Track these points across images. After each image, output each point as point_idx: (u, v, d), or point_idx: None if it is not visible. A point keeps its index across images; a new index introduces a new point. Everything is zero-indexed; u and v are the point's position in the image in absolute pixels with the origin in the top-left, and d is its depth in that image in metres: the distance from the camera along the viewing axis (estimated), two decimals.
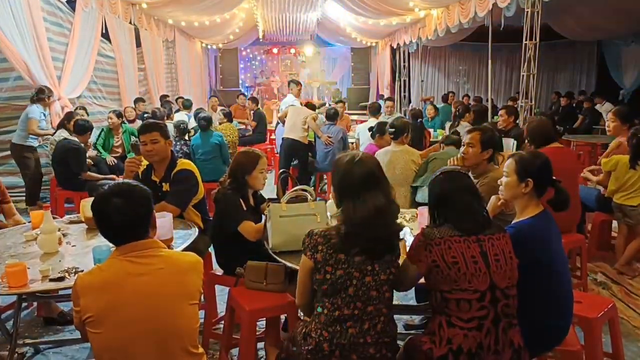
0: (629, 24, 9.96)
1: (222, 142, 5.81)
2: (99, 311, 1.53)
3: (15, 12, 5.56)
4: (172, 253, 1.76)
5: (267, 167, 2.91)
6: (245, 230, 2.63)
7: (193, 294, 1.65)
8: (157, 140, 2.96)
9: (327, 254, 1.79)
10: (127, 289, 1.56)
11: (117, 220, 1.60)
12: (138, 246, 1.62)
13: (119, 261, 1.61)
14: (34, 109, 5.66)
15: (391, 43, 13.51)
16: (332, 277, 1.78)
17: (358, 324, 1.78)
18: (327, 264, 1.79)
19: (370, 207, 1.78)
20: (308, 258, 1.83)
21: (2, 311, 3.05)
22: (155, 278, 1.60)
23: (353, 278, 1.78)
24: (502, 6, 6.80)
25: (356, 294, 1.78)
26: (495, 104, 11.03)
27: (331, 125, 6.32)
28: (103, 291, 1.55)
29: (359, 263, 1.79)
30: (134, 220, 1.63)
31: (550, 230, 2.08)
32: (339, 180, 1.91)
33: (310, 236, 1.85)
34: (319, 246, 1.81)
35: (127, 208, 1.61)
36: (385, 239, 1.83)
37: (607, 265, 4.09)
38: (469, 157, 2.87)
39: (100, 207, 1.64)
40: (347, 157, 1.91)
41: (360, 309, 1.79)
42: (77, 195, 4.94)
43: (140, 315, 1.55)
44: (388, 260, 1.85)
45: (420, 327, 3.04)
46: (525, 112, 6.96)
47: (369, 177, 1.84)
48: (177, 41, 11.42)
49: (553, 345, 2.07)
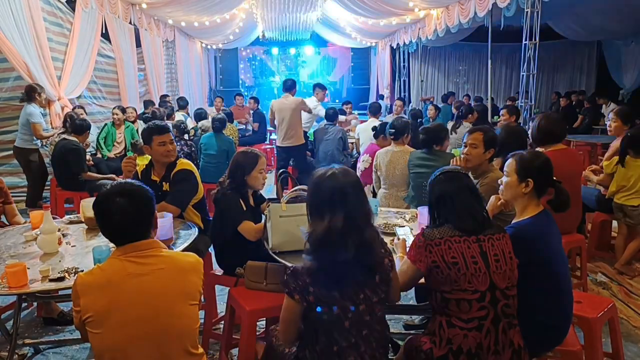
0: (629, 24, 9.96)
1: (231, 150, 5.81)
2: (98, 311, 1.53)
3: (15, 12, 5.56)
4: (173, 253, 1.75)
5: (266, 167, 2.91)
6: (245, 230, 2.64)
7: (193, 294, 1.65)
8: (172, 140, 3.09)
9: (319, 294, 1.66)
10: (127, 289, 1.56)
11: (119, 220, 1.60)
12: (139, 246, 1.62)
13: (120, 261, 1.60)
14: (33, 110, 5.47)
15: (391, 43, 13.51)
16: (328, 316, 1.67)
17: (355, 351, 1.71)
18: (320, 302, 1.67)
19: (329, 229, 1.65)
20: (297, 302, 1.67)
21: (2, 311, 3.05)
22: (156, 278, 1.60)
23: (348, 312, 1.68)
24: (502, 6, 6.80)
25: (352, 325, 1.69)
26: (495, 103, 11.02)
27: (330, 125, 6.31)
28: (103, 291, 1.54)
29: (351, 295, 1.69)
30: (137, 220, 1.63)
31: (550, 230, 2.08)
32: (308, 195, 1.81)
33: (296, 276, 1.68)
34: (309, 287, 1.66)
35: (130, 208, 1.61)
36: (356, 264, 1.68)
37: (607, 265, 4.09)
38: (472, 158, 2.84)
39: (103, 207, 1.64)
40: (322, 170, 1.77)
41: (355, 336, 1.71)
42: (77, 195, 4.94)
43: (140, 316, 1.55)
44: (378, 282, 1.74)
45: (420, 327, 3.04)
46: (525, 112, 6.96)
47: (335, 195, 1.68)
48: (177, 41, 11.42)
49: (553, 345, 2.07)
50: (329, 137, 6.12)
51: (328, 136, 6.14)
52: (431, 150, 3.62)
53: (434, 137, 3.62)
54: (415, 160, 3.71)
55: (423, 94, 13.50)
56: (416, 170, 3.67)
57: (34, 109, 5.54)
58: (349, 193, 1.69)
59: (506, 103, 10.57)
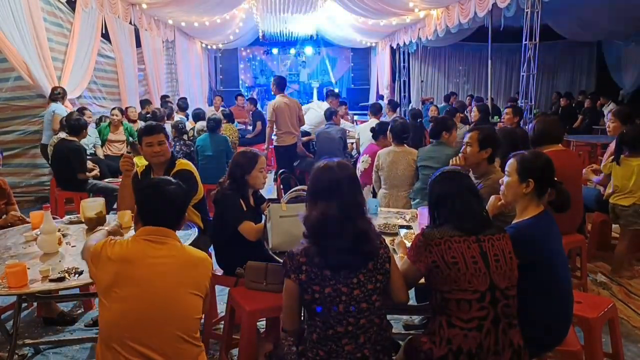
0: (629, 24, 9.96)
1: (228, 150, 5.81)
2: (108, 280, 1.68)
3: (15, 12, 5.56)
4: (186, 247, 1.88)
5: (266, 166, 2.91)
6: (245, 231, 2.64)
7: (197, 285, 1.75)
8: (163, 141, 3.03)
9: (311, 272, 1.75)
10: (138, 267, 1.70)
11: (167, 203, 1.82)
12: (161, 231, 1.79)
13: (141, 242, 1.77)
14: (58, 106, 5.84)
15: (391, 43, 13.51)
16: (321, 296, 1.74)
17: (353, 340, 1.74)
18: (313, 282, 1.75)
19: (321, 216, 1.77)
20: (292, 281, 1.77)
21: (2, 311, 3.05)
22: (164, 263, 1.73)
23: (342, 294, 1.73)
24: (501, 6, 6.80)
25: (347, 310, 1.74)
26: (495, 103, 11.03)
27: (330, 125, 6.31)
28: (119, 263, 1.70)
29: (344, 277, 1.74)
30: (180, 209, 1.87)
31: (550, 230, 2.08)
32: (308, 185, 1.96)
33: (292, 257, 1.79)
34: (302, 266, 1.76)
35: (182, 196, 1.90)
36: (349, 252, 1.76)
37: (607, 265, 4.09)
38: (468, 156, 2.88)
39: (158, 188, 1.85)
40: (323, 163, 1.91)
41: (353, 324, 1.75)
42: (77, 195, 4.94)
43: (140, 294, 1.67)
44: (372, 269, 1.79)
45: (420, 327, 3.04)
46: (525, 112, 6.96)
47: (332, 185, 1.81)
48: (177, 41, 11.42)
49: (553, 345, 2.07)
50: (329, 137, 6.12)
51: (328, 136, 6.14)
52: (440, 138, 3.92)
53: (443, 125, 3.96)
54: (424, 154, 3.91)
55: (423, 94, 13.51)
56: (424, 163, 3.84)
57: (60, 105, 5.89)
58: (344, 185, 1.82)
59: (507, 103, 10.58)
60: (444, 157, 3.53)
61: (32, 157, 6.25)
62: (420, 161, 3.90)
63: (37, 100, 6.24)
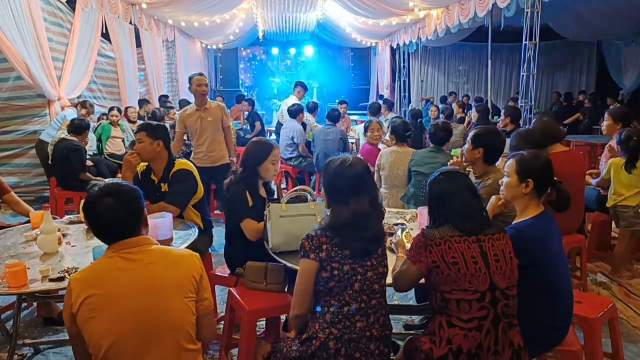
0: (629, 24, 9.95)
1: None
2: (89, 306, 1.53)
3: (15, 12, 5.56)
4: (164, 248, 1.75)
5: (279, 158, 2.88)
6: (246, 229, 2.63)
7: (187, 287, 1.64)
8: (141, 140, 3.00)
9: (332, 251, 1.82)
10: (117, 284, 1.56)
11: (108, 219, 1.62)
12: (129, 243, 1.63)
13: (110, 258, 1.62)
14: (71, 112, 6.20)
15: (391, 43, 13.51)
16: (339, 273, 1.81)
17: (365, 318, 1.84)
18: (333, 260, 1.82)
19: (355, 213, 1.84)
20: (312, 259, 1.82)
21: (2, 311, 3.05)
22: (146, 273, 1.60)
23: (357, 273, 1.83)
24: (501, 6, 6.80)
25: (362, 289, 1.83)
26: (495, 103, 11.02)
27: (331, 126, 6.30)
28: (94, 286, 1.55)
29: (360, 259, 1.84)
30: (125, 218, 1.64)
31: (550, 230, 2.08)
32: (328, 183, 1.96)
33: (311, 238, 1.85)
34: (323, 245, 1.82)
35: (118, 207, 1.63)
36: (370, 240, 1.88)
37: (607, 265, 4.09)
38: (465, 155, 2.98)
39: (91, 207, 1.66)
40: (338, 160, 1.95)
41: (365, 302, 1.84)
42: (77, 195, 4.94)
43: (130, 311, 1.54)
44: (380, 254, 1.91)
45: (420, 327, 3.05)
46: (525, 112, 6.96)
47: (357, 181, 1.89)
48: (177, 41, 11.42)
49: (553, 345, 2.07)
50: (329, 138, 6.10)
51: (328, 137, 6.13)
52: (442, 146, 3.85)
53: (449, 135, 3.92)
54: (419, 159, 3.79)
55: (423, 94, 13.49)
56: (418, 168, 3.73)
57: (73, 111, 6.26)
58: (367, 178, 1.92)
59: (507, 103, 10.58)
60: (439, 165, 3.49)
61: (32, 157, 6.24)
62: (414, 165, 3.77)
63: (37, 100, 6.25)
